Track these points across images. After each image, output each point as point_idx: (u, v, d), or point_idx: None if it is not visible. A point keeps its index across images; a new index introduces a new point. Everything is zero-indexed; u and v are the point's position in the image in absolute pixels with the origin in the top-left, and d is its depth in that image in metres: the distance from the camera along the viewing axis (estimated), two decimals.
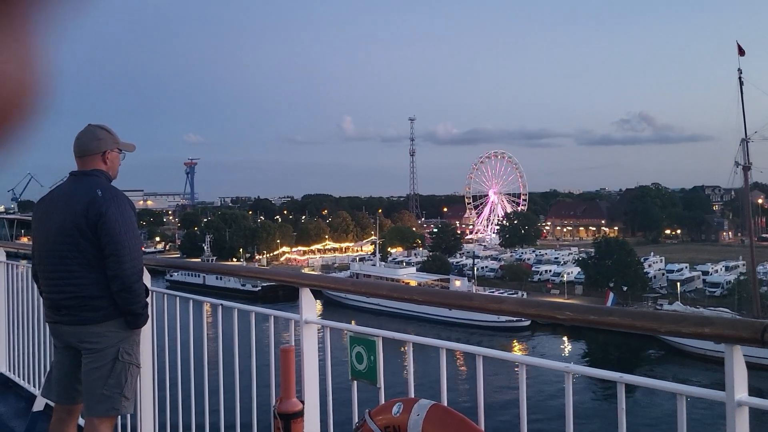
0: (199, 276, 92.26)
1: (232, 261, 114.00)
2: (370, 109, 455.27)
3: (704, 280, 77.44)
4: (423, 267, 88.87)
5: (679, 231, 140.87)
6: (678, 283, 70.77)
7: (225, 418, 4.40)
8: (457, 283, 76.21)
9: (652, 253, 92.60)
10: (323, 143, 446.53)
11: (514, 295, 73.15)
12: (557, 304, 2.78)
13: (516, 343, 67.31)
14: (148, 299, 4.47)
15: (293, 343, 3.79)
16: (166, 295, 5.07)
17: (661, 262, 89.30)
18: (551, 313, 2.72)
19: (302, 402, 3.51)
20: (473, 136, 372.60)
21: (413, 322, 69.68)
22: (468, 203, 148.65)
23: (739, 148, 54.41)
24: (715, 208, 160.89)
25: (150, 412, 4.98)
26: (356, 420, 3.18)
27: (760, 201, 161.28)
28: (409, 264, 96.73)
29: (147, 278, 4.68)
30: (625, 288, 69.78)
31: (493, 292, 74.81)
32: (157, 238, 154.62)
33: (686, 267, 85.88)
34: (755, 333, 2.00)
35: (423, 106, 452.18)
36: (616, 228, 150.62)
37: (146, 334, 4.73)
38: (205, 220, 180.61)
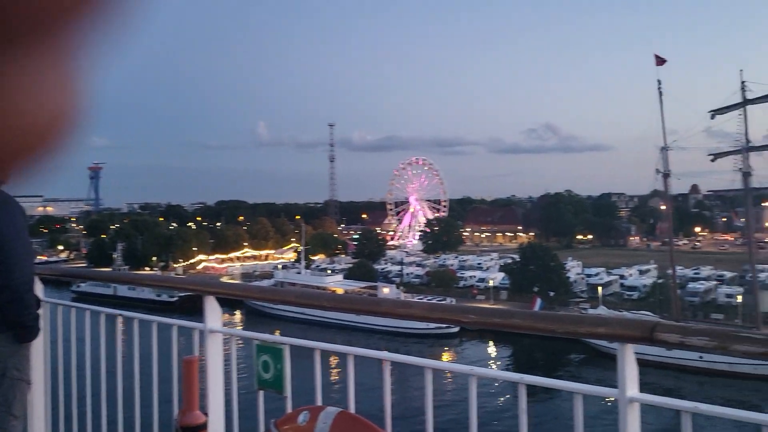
0: (110, 287, 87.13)
1: (144, 270, 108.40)
2: (285, 114, 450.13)
3: (621, 284, 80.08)
4: (348, 274, 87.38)
5: (590, 236, 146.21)
6: (599, 288, 72.63)
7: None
8: (385, 291, 75.19)
9: (570, 258, 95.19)
10: (236, 149, 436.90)
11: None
12: (462, 308, 2.81)
13: (445, 350, 67.08)
14: (40, 311, 4.19)
15: (197, 354, 3.63)
16: (61, 307, 4.76)
17: (579, 266, 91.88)
18: (457, 317, 2.73)
19: (206, 414, 3.32)
20: (388, 143, 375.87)
21: (341, 332, 68.13)
22: (390, 209, 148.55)
23: (660, 156, 56.41)
24: (622, 214, 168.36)
25: (42, 431, 4.70)
26: (262, 431, 3.10)
27: (663, 207, 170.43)
28: (333, 271, 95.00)
29: (39, 288, 4.50)
30: (552, 293, 71.00)
31: (421, 299, 74.36)
32: (60, 247, 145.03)
33: (603, 271, 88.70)
34: (645, 332, 2.09)
35: (338, 113, 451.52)
36: (531, 233, 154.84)
37: (38, 348, 4.51)
38: (113, 227, 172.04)
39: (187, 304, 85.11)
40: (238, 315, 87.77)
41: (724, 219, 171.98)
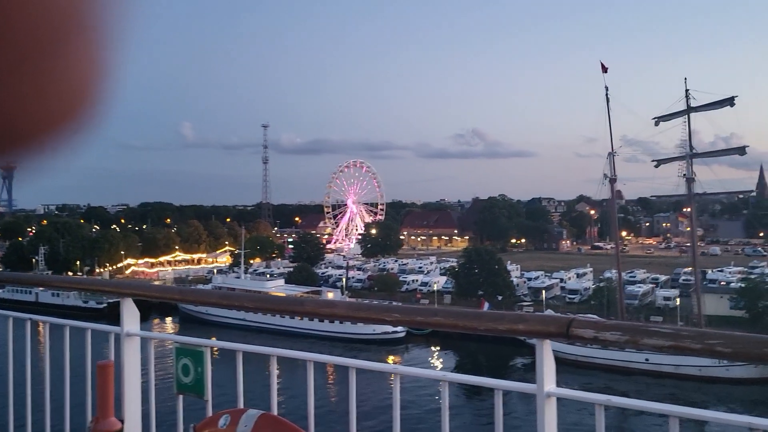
0: (31, 293, 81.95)
1: (67, 275, 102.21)
2: (211, 115, 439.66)
3: (562, 288, 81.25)
4: (289, 278, 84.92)
5: (523, 240, 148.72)
6: (543, 291, 73.36)
7: None
8: (330, 295, 73.31)
9: (509, 262, 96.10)
10: (160, 149, 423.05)
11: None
12: (386, 307, 2.77)
13: (391, 355, 66.08)
14: None
15: (112, 358, 3.48)
16: None
17: (517, 270, 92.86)
18: (380, 316, 2.71)
19: (122, 420, 3.20)
20: (317, 146, 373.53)
21: (284, 338, 66.06)
22: (327, 212, 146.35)
23: (607, 161, 57.34)
24: (553, 218, 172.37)
25: None
26: None
27: (592, 212, 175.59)
28: (273, 275, 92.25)
29: None
30: (500, 297, 71.07)
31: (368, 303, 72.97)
32: None
33: (542, 274, 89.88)
34: (561, 328, 2.14)
35: (266, 115, 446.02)
36: (466, 237, 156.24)
37: None
38: (31, 229, 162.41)
39: (117, 311, 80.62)
40: (169, 322, 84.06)
41: (647, 224, 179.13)
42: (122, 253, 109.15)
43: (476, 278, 74.64)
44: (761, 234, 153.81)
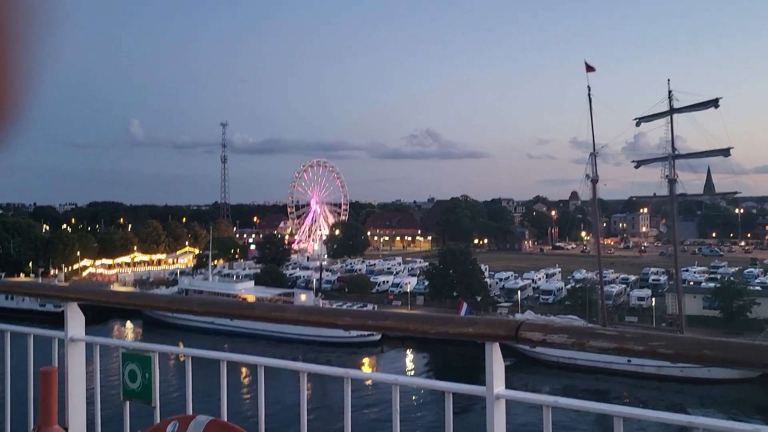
0: None
1: (20, 277, 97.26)
2: (161, 114, 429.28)
3: (534, 288, 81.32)
4: (257, 280, 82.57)
5: (485, 240, 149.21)
6: (518, 292, 73.04)
7: None
8: (302, 297, 71.58)
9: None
10: (107, 148, 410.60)
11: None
12: (336, 311, 2.79)
13: (366, 357, 64.93)
14: None
15: (56, 364, 3.37)
16: None
17: (486, 270, 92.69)
18: (333, 320, 2.73)
19: (65, 428, 3.16)
20: (271, 146, 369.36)
21: (257, 341, 64.13)
22: (291, 212, 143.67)
23: (588, 161, 57.22)
24: (515, 219, 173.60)
25: None
26: None
27: (552, 212, 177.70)
28: (239, 277, 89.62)
29: None
30: (479, 298, 70.40)
31: (341, 305, 71.40)
32: None
33: (512, 275, 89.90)
34: (510, 330, 2.18)
35: (218, 114, 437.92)
36: (429, 238, 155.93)
37: None
38: None
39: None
40: (129, 326, 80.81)
41: (604, 224, 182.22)
42: (78, 254, 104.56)
43: (451, 279, 73.85)
44: (713, 234, 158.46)
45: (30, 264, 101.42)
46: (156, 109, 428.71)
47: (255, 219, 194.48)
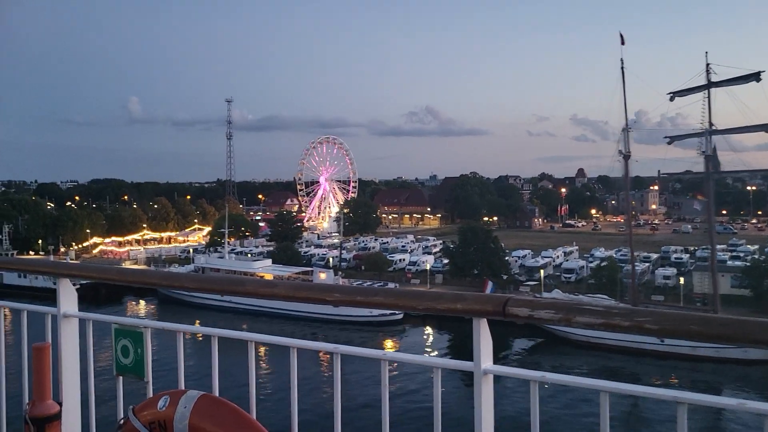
0: None
1: (29, 255, 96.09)
2: (159, 91, 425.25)
3: (555, 266, 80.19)
4: (273, 259, 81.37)
5: (495, 218, 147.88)
6: (541, 271, 71.88)
7: None
8: (322, 276, 70.45)
9: None
10: (106, 125, 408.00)
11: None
12: (327, 287, 2.76)
13: (388, 337, 64.09)
14: None
15: (49, 340, 3.39)
16: None
17: (503, 248, 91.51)
18: (322, 296, 2.75)
19: (60, 403, 3.17)
20: (269, 123, 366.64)
21: (278, 321, 63.31)
22: (300, 190, 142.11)
23: (621, 137, 55.65)
24: (523, 196, 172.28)
25: None
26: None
27: (563, 190, 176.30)
28: (253, 255, 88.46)
29: None
30: (504, 277, 69.33)
31: (360, 284, 70.36)
32: None
33: (530, 253, 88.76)
34: (498, 306, 2.20)
35: (216, 91, 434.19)
36: (438, 215, 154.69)
37: None
38: None
39: (89, 293, 76.82)
40: (142, 304, 79.91)
41: (613, 201, 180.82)
42: (87, 231, 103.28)
43: (471, 257, 72.67)
44: (724, 212, 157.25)
45: (39, 242, 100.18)
46: (154, 87, 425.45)
47: (260, 196, 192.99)
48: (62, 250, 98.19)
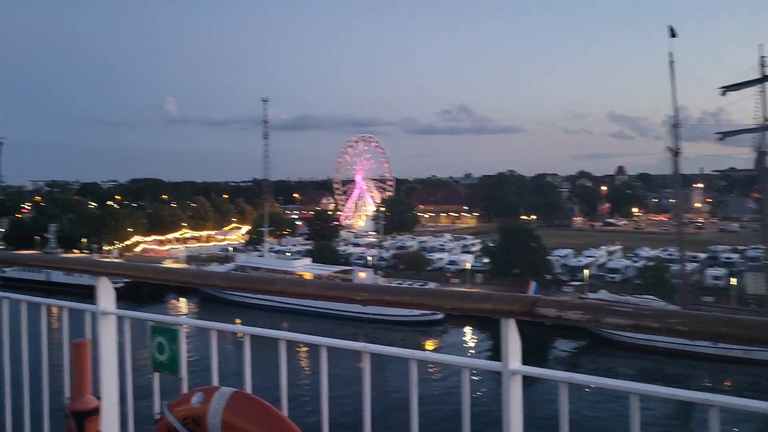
0: (41, 272, 78.15)
1: (74, 253, 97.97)
2: (194, 91, 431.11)
3: (599, 266, 78.43)
4: (311, 257, 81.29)
5: (533, 216, 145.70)
6: (584, 270, 70.29)
7: (13, 420, 4.15)
8: (362, 275, 70.05)
9: None
10: (143, 126, 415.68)
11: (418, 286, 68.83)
12: (355, 286, 2.81)
13: (428, 337, 63.39)
14: None
15: (89, 337, 3.49)
16: None
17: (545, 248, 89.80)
18: (350, 295, 2.78)
19: (98, 398, 3.26)
20: (303, 123, 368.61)
21: (322, 320, 63.09)
22: (336, 189, 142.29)
23: (670, 133, 53.91)
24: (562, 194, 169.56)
25: None
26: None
27: (604, 188, 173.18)
28: (292, 254, 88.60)
29: None
30: (548, 277, 68.03)
31: (400, 284, 69.80)
32: None
33: (571, 252, 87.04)
34: (526, 306, 2.20)
35: (249, 91, 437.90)
36: (475, 214, 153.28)
37: None
38: (24, 206, 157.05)
39: (131, 291, 77.65)
40: (183, 302, 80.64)
41: (655, 200, 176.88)
42: (129, 230, 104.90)
43: (512, 257, 71.46)
44: None
45: (83, 240, 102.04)
46: (190, 88, 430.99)
47: (295, 195, 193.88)
48: (105, 248, 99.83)
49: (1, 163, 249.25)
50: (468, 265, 77.26)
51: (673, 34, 52.25)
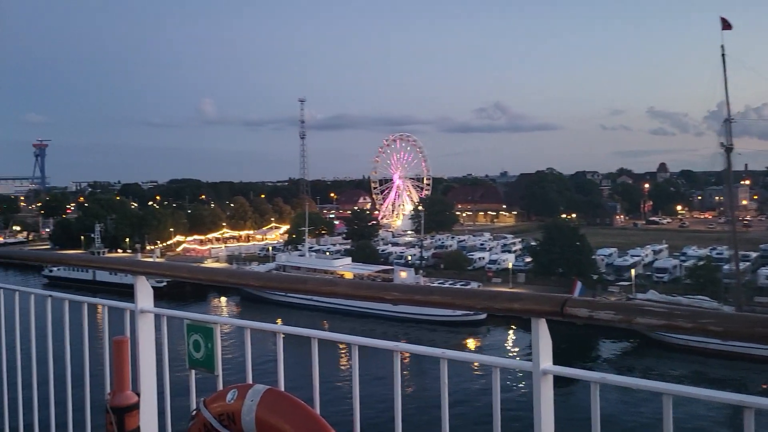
0: (87, 271, 79.55)
1: (117, 252, 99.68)
2: (230, 92, 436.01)
3: (644, 265, 76.48)
4: (351, 257, 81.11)
5: (574, 215, 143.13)
6: (631, 270, 68.58)
7: (56, 415, 4.21)
8: (403, 275, 69.54)
9: None
10: (180, 126, 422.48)
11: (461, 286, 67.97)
12: (385, 285, 2.82)
13: (471, 337, 62.58)
14: None
15: (128, 334, 3.55)
16: None
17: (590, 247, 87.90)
18: (380, 294, 2.80)
19: (138, 394, 3.28)
20: (338, 122, 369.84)
21: (360, 319, 62.89)
22: (374, 188, 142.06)
23: (722, 128, 52.13)
24: (602, 192, 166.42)
25: None
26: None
27: (646, 185, 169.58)
28: (331, 253, 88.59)
29: None
30: (594, 277, 66.59)
31: (442, 284, 69.09)
32: (17, 227, 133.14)
33: (615, 251, 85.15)
34: (556, 306, 2.18)
35: (284, 91, 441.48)
36: (514, 213, 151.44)
37: None
38: (69, 206, 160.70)
39: (175, 290, 78.51)
40: (223, 301, 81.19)
41: (699, 197, 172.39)
42: (171, 230, 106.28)
43: (556, 256, 70.09)
44: None
45: (127, 240, 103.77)
46: (226, 88, 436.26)
47: (331, 195, 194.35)
48: (148, 248, 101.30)
49: (45, 164, 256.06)
50: (509, 265, 76.10)
51: (726, 26, 50.43)
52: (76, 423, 4.13)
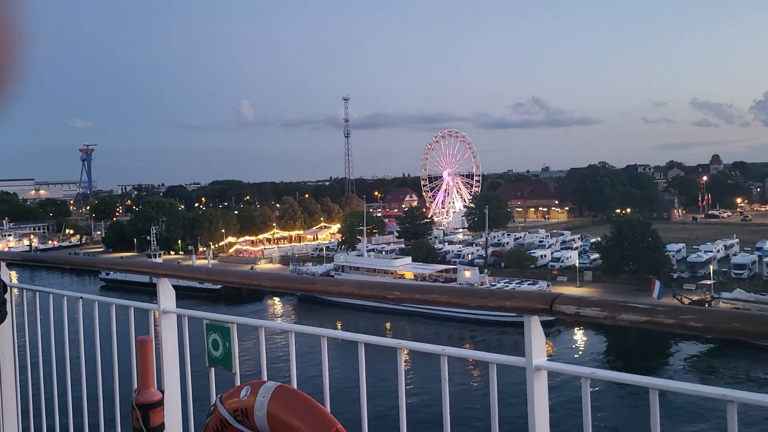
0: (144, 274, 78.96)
1: (170, 255, 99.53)
2: (267, 93, 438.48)
3: (720, 261, 72.60)
4: (410, 256, 79.02)
5: (628, 210, 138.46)
6: (709, 266, 64.97)
7: (88, 412, 4.34)
8: (467, 274, 67.13)
9: None
10: (221, 128, 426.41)
11: (524, 287, 65.21)
12: (387, 285, 2.88)
13: (509, 337, 60.03)
14: (6, 295, 4.13)
15: (152, 334, 3.60)
16: (26, 291, 4.83)
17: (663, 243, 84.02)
18: (382, 293, 2.88)
19: (162, 391, 3.38)
20: (375, 121, 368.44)
21: (401, 318, 61.42)
22: (424, 185, 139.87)
23: None
24: (658, 186, 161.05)
25: (13, 414, 4.81)
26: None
27: (704, 178, 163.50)
28: (386, 252, 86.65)
29: (5, 273, 4.66)
30: (674, 275, 63.27)
31: (507, 283, 66.50)
32: (70, 231, 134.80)
33: (683, 247, 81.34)
34: (545, 303, 2.24)
35: (321, 91, 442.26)
36: (566, 208, 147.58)
37: (7, 333, 4.67)
38: (117, 209, 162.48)
39: (232, 293, 77.42)
40: (277, 301, 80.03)
41: (758, 189, 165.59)
42: (223, 231, 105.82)
43: (627, 253, 66.79)
44: None
45: (179, 242, 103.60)
46: (264, 90, 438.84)
47: (375, 193, 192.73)
48: (201, 249, 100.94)
49: (92, 169, 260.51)
50: (575, 263, 73.02)
51: None
52: (106, 417, 4.19)
